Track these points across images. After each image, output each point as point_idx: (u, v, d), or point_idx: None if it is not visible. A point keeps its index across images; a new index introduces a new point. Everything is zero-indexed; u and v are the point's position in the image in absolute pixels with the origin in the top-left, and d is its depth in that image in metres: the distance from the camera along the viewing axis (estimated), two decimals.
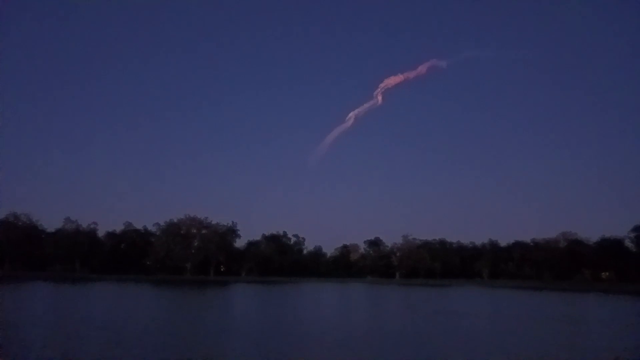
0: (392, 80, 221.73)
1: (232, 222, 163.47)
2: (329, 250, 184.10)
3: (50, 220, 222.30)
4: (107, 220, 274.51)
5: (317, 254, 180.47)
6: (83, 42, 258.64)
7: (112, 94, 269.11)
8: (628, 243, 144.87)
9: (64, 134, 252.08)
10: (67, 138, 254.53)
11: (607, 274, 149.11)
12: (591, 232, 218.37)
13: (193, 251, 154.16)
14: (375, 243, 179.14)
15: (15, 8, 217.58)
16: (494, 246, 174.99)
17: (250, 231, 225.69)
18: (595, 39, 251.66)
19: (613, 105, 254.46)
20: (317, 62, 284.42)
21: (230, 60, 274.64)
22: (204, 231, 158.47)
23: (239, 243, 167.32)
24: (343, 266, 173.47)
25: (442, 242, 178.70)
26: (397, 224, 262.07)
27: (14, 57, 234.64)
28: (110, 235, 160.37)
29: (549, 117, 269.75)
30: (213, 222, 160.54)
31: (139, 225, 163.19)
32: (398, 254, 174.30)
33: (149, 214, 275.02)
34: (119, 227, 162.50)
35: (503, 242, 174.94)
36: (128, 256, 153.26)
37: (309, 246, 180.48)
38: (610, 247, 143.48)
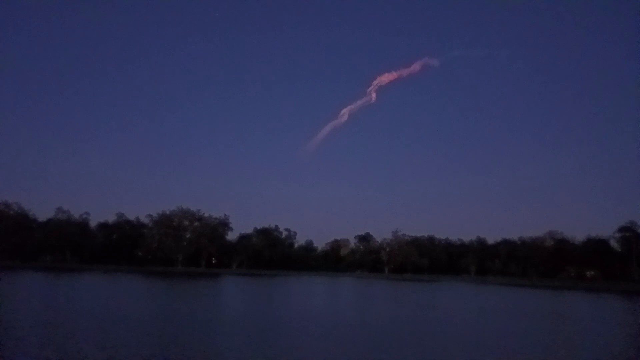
0: (385, 78, 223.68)
1: (224, 215, 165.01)
2: (320, 244, 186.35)
3: (41, 210, 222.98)
4: (100, 210, 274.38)
5: (308, 248, 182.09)
6: (76, 35, 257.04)
7: (106, 86, 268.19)
8: (613, 243, 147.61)
9: (57, 124, 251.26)
10: (60, 128, 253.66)
11: (592, 272, 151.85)
12: (577, 231, 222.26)
13: (185, 243, 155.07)
14: (365, 238, 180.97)
15: (13, 7, 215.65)
16: (481, 243, 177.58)
17: (242, 224, 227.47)
18: (585, 39, 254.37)
19: (602, 105, 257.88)
20: (311, 58, 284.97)
21: (223, 55, 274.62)
22: (196, 223, 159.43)
23: (231, 236, 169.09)
24: (333, 260, 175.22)
25: (431, 239, 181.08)
26: (388, 219, 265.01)
27: (8, 52, 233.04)
28: (102, 225, 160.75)
29: (539, 116, 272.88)
30: (205, 215, 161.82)
31: (131, 217, 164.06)
32: (387, 250, 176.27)
33: (142, 205, 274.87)
34: (111, 218, 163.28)
35: (490, 240, 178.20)
36: (119, 247, 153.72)
37: (300, 240, 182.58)
38: (595, 247, 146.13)
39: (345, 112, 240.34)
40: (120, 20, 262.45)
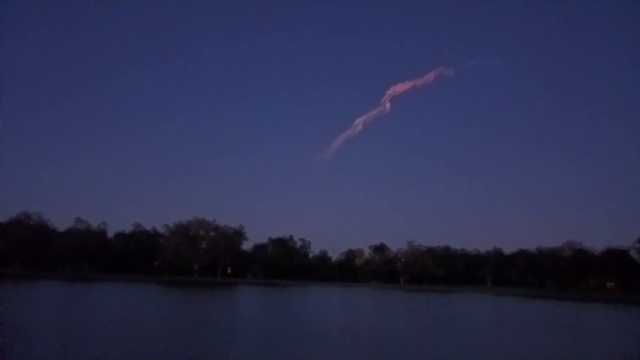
0: (399, 88, 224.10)
1: (240, 225, 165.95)
2: (335, 254, 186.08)
3: (60, 220, 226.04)
4: (117, 220, 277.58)
5: (323, 257, 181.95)
6: (90, 44, 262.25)
7: (121, 96, 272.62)
8: (634, 254, 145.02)
9: (75, 135, 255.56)
10: (78, 139, 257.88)
11: (612, 283, 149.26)
12: (596, 242, 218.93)
13: (201, 253, 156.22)
14: (380, 248, 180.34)
15: (20, 12, 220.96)
16: (498, 254, 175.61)
17: (257, 234, 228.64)
18: (602, 48, 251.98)
19: (619, 115, 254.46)
20: (325, 68, 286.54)
21: (238, 65, 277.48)
22: (212, 233, 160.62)
23: (246, 246, 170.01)
24: (348, 270, 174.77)
25: (447, 249, 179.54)
26: (402, 230, 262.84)
27: (23, 60, 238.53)
28: (120, 235, 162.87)
29: (555, 126, 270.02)
30: (221, 225, 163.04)
31: (148, 227, 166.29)
32: (403, 260, 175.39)
33: (158, 215, 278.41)
34: (128, 228, 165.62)
35: (507, 250, 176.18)
36: (136, 257, 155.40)
37: (314, 250, 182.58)
38: (615, 257, 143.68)
39: (359, 122, 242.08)
40: (132, 30, 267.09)
